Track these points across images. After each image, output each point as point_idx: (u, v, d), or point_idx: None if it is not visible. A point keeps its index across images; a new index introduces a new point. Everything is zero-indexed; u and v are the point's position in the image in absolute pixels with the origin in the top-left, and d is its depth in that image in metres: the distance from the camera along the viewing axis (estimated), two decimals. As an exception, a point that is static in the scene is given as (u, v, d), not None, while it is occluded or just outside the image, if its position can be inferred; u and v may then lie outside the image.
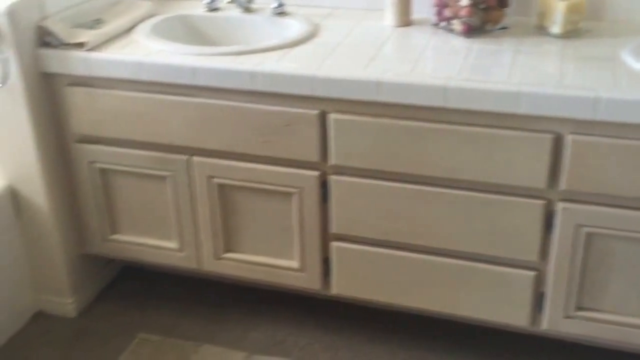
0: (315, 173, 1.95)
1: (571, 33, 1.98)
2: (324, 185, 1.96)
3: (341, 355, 2.18)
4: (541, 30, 2.02)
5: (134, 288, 2.50)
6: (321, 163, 1.94)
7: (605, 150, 1.68)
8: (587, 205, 1.76)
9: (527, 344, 2.15)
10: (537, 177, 1.75)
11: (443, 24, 2.08)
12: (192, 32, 2.28)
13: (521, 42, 1.97)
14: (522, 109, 1.69)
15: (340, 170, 1.93)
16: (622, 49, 1.85)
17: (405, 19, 2.15)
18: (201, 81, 1.93)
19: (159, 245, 2.24)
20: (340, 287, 2.09)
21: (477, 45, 1.97)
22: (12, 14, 1.96)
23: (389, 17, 2.15)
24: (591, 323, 1.88)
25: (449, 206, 1.86)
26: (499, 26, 2.06)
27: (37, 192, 2.19)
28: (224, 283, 2.40)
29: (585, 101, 1.64)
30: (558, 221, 1.79)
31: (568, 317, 1.89)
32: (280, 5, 2.24)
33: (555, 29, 1.98)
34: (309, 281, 2.11)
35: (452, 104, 1.74)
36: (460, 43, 1.99)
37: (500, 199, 1.81)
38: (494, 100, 1.70)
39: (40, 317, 2.37)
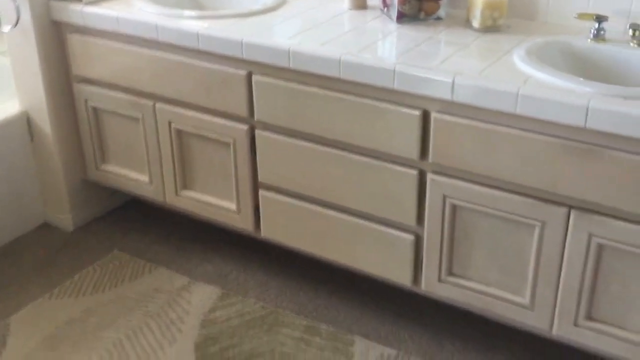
0: (245, 127, 2.25)
1: (490, 28, 2.14)
2: (253, 139, 2.25)
3: (269, 293, 2.46)
4: (467, 23, 2.20)
5: (132, 216, 2.90)
6: (249, 118, 2.23)
7: (463, 130, 1.86)
8: (451, 179, 1.94)
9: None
10: (410, 149, 1.96)
11: (385, 9, 2.30)
12: (191, -2, 2.63)
13: (442, 31, 2.17)
14: (396, 85, 1.91)
15: (265, 126, 2.22)
16: (520, 47, 2.01)
17: (359, 3, 2.38)
18: (162, 37, 2.28)
19: (135, 178, 2.61)
20: (267, 231, 2.38)
21: (402, 30, 2.18)
22: (26, -33, 2.38)
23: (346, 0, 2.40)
24: (460, 289, 2.06)
25: (345, 168, 2.10)
26: (434, 16, 2.26)
27: (45, 120, 2.62)
28: (200, 219, 2.72)
29: (444, 84, 1.84)
30: (429, 191, 1.99)
31: (441, 281, 2.08)
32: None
33: (475, 23, 2.15)
34: (243, 223, 2.41)
35: (345, 75, 1.98)
36: (389, 27, 2.21)
37: (383, 165, 2.03)
38: (375, 75, 1.93)
39: (44, 227, 2.83)
